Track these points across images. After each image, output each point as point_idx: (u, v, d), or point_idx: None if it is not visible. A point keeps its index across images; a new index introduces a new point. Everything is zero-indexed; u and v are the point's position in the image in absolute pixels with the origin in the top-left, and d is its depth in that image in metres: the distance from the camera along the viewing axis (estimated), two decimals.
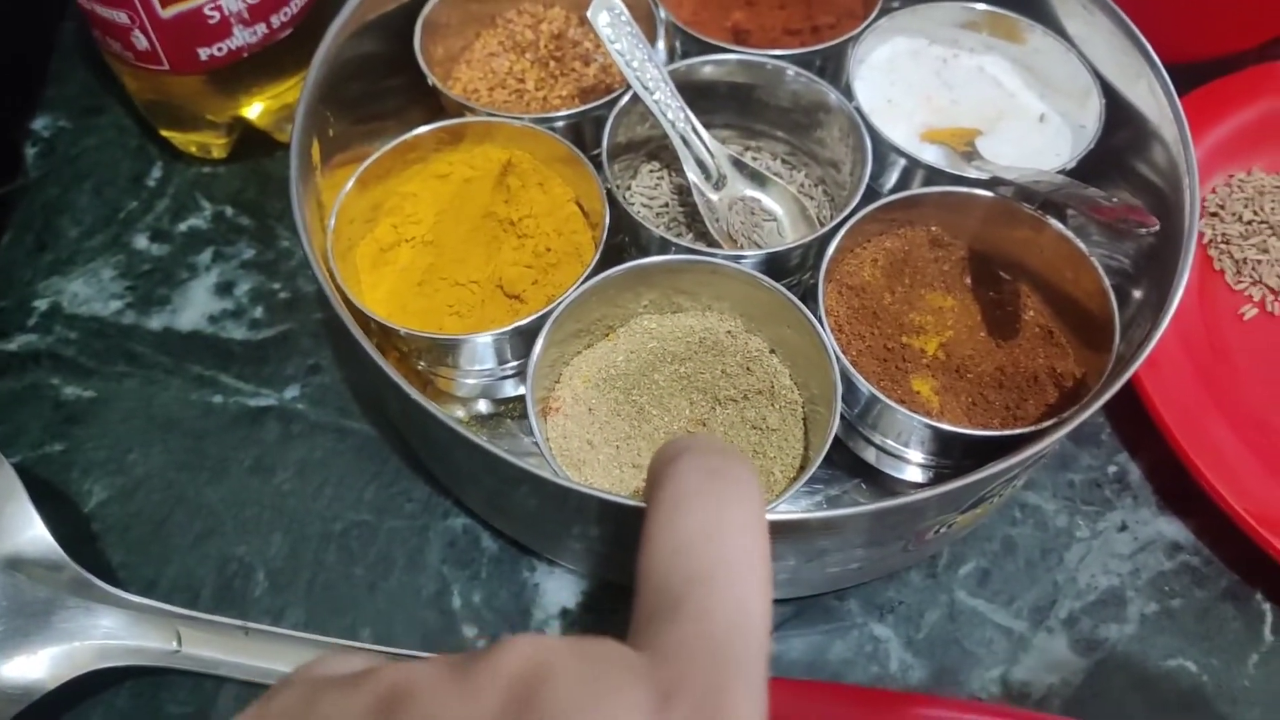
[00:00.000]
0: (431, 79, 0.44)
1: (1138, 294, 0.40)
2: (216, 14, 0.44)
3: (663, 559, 0.22)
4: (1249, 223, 0.47)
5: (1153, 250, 0.40)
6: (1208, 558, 0.41)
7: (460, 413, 0.43)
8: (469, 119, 0.42)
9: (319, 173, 0.41)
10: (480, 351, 0.40)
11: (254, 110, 0.49)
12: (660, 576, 0.22)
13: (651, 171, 0.46)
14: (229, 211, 0.50)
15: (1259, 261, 0.46)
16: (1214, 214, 0.48)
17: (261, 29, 0.46)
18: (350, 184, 0.40)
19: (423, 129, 0.41)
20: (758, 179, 0.44)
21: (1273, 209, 0.47)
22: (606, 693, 0.18)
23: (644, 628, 0.21)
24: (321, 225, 0.40)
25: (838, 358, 0.36)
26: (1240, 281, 0.46)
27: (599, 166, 0.41)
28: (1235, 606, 0.40)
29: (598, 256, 0.39)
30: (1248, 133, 0.50)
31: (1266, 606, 0.40)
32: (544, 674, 0.19)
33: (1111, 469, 0.43)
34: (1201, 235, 0.48)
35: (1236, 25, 0.51)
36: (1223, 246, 0.47)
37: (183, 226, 0.50)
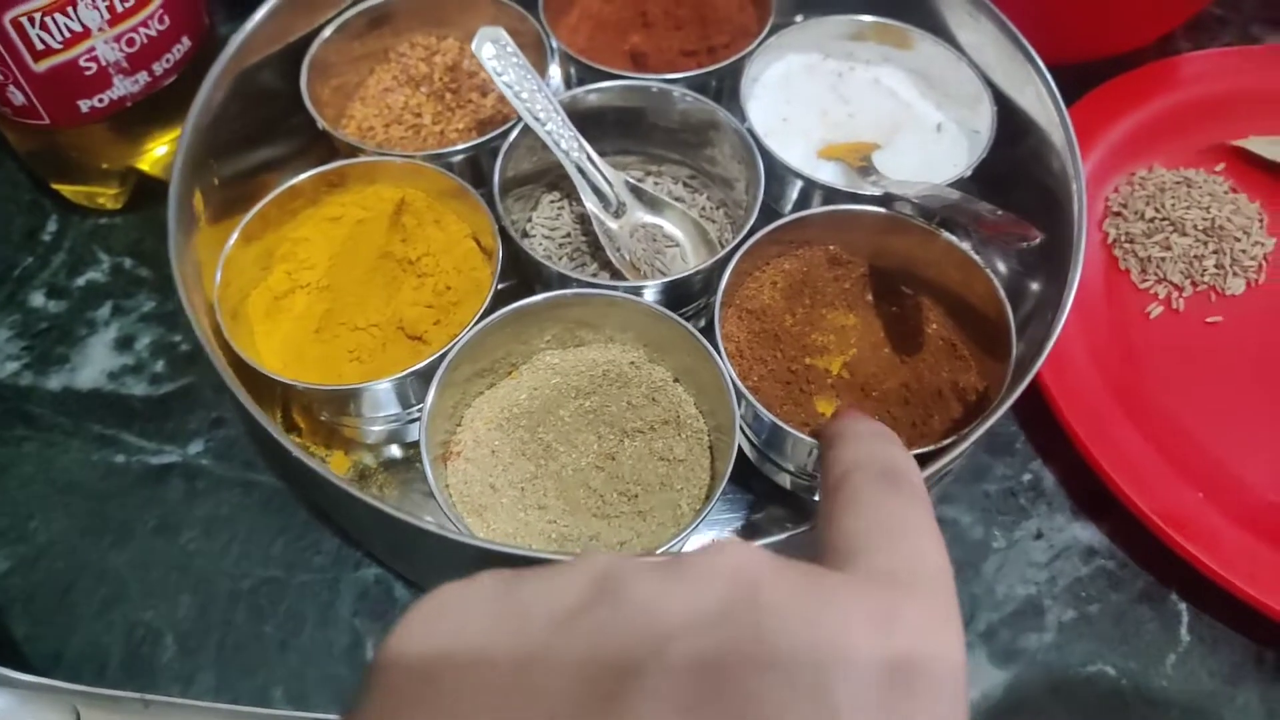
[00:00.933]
0: (321, 122, 0.43)
1: (1035, 286, 0.40)
2: (93, 65, 0.42)
3: (855, 518, 0.23)
4: (1151, 220, 0.47)
5: (1049, 252, 0.40)
6: (1122, 560, 0.41)
7: (370, 459, 0.42)
8: (352, 161, 0.42)
9: (203, 222, 0.40)
10: (381, 398, 0.39)
11: (150, 158, 0.48)
12: (853, 526, 0.22)
13: (552, 202, 0.46)
14: (128, 263, 0.49)
15: (1163, 259, 0.46)
16: (1117, 213, 0.48)
17: (144, 77, 0.44)
18: (234, 237, 0.39)
19: (303, 176, 0.40)
20: (657, 205, 0.44)
21: (1174, 205, 0.47)
22: (826, 599, 0.19)
23: (841, 558, 0.21)
24: (208, 278, 0.39)
25: (735, 385, 0.36)
26: (1145, 280, 0.46)
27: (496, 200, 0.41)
28: (1151, 608, 0.40)
29: (490, 296, 0.38)
30: (1146, 130, 0.50)
31: (1182, 606, 0.40)
32: (763, 574, 0.19)
33: (1026, 477, 0.43)
34: (1106, 235, 0.48)
35: (1133, 23, 0.51)
36: (1127, 246, 0.47)
37: (80, 281, 0.49)
